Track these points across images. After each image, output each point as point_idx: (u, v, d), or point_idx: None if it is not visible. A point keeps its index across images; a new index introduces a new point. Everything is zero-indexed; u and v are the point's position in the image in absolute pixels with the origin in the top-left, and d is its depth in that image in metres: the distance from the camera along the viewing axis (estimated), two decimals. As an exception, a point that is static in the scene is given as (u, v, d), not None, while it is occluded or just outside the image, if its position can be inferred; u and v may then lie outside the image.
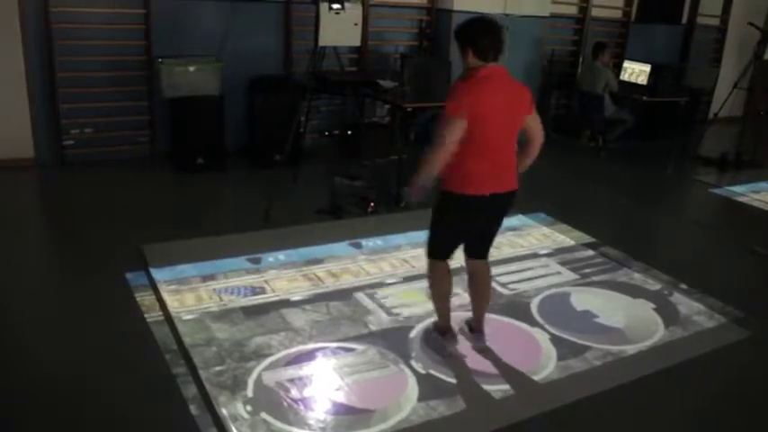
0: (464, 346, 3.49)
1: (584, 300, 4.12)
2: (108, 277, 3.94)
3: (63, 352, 3.25)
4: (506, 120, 3.07)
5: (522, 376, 3.27)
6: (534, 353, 3.49)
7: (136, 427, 2.77)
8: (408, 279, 4.17)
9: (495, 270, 3.91)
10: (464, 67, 3.09)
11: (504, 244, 4.76)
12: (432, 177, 3.04)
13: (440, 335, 3.48)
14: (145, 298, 3.73)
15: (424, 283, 3.65)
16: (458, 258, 3.53)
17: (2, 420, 2.73)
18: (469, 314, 3.57)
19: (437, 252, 3.32)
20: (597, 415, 3.05)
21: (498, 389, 3.16)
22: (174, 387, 2.98)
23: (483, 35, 3.01)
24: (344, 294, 3.94)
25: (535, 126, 3.19)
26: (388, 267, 4.34)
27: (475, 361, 3.37)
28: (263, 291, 3.92)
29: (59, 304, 3.75)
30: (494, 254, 3.46)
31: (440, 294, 3.42)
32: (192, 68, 5.80)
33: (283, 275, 4.12)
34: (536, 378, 3.27)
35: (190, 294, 3.80)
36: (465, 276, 3.50)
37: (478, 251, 3.39)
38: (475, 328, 3.53)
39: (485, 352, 3.44)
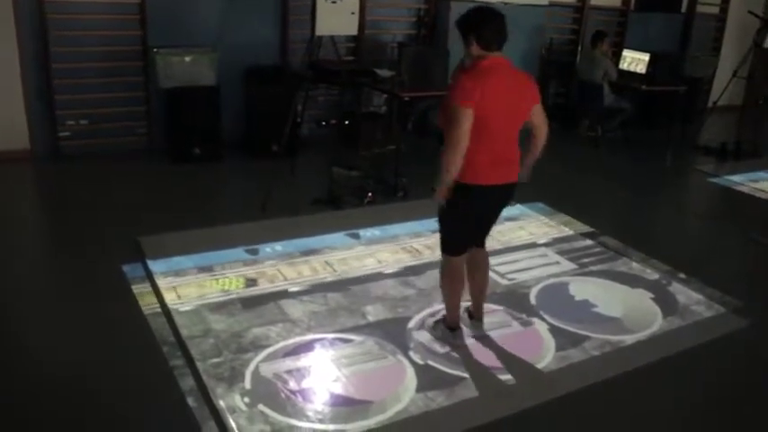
0: (464, 334, 3.48)
1: (583, 289, 4.11)
2: (104, 269, 3.92)
3: (58, 344, 3.23)
4: (510, 111, 3.04)
5: (522, 367, 3.27)
6: (534, 343, 3.48)
7: (133, 419, 2.75)
8: (407, 269, 4.16)
9: (493, 260, 3.90)
10: (466, 56, 3.06)
11: (502, 234, 4.74)
12: (454, 175, 2.97)
13: (449, 330, 3.42)
14: (141, 290, 3.72)
15: (424, 273, 3.65)
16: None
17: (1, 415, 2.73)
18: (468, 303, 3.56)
19: (451, 247, 3.28)
20: (596, 405, 3.05)
21: (497, 379, 3.15)
22: (171, 379, 2.97)
23: (487, 24, 2.98)
24: (342, 285, 3.93)
25: (540, 119, 3.15)
26: (387, 258, 4.32)
27: (474, 351, 3.36)
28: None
29: (55, 297, 3.73)
30: (492, 244, 3.44)
31: (452, 291, 3.36)
32: (188, 58, 5.77)
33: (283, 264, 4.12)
34: (535, 368, 3.26)
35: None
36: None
37: (477, 240, 3.38)
38: (474, 316, 3.51)
39: (484, 339, 3.44)
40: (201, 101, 5.90)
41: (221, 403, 2.82)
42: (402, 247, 4.48)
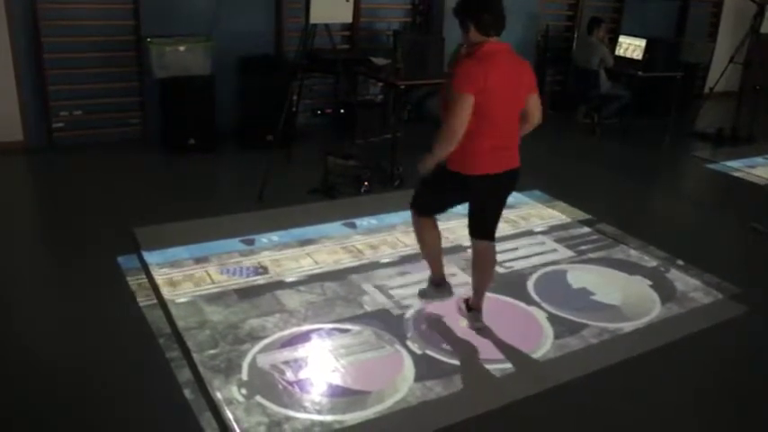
0: (461, 325, 3.47)
1: (581, 277, 4.10)
2: (99, 261, 3.90)
3: (53, 336, 3.22)
4: (511, 97, 3.02)
5: (519, 355, 3.26)
6: (532, 332, 3.47)
7: (130, 412, 2.74)
8: (404, 258, 4.14)
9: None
10: (465, 43, 3.03)
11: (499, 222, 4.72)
12: (443, 158, 3.04)
13: (434, 286, 3.54)
14: (137, 281, 3.70)
15: (421, 262, 3.63)
16: (462, 238, 3.50)
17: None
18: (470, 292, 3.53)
19: (418, 205, 3.33)
20: (594, 393, 3.04)
21: (495, 368, 3.14)
22: (167, 371, 2.95)
23: (485, 9, 2.95)
24: (339, 275, 3.91)
25: (535, 106, 3.14)
26: (383, 247, 4.30)
27: (472, 340, 3.35)
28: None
29: (50, 289, 3.71)
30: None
31: (426, 248, 3.45)
32: (182, 48, 5.72)
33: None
34: (533, 357, 3.25)
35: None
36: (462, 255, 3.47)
37: (479, 230, 3.30)
38: (472, 306, 3.48)
39: (482, 331, 3.42)
40: (196, 91, 5.85)
41: (218, 395, 2.81)
42: (399, 236, 4.46)
